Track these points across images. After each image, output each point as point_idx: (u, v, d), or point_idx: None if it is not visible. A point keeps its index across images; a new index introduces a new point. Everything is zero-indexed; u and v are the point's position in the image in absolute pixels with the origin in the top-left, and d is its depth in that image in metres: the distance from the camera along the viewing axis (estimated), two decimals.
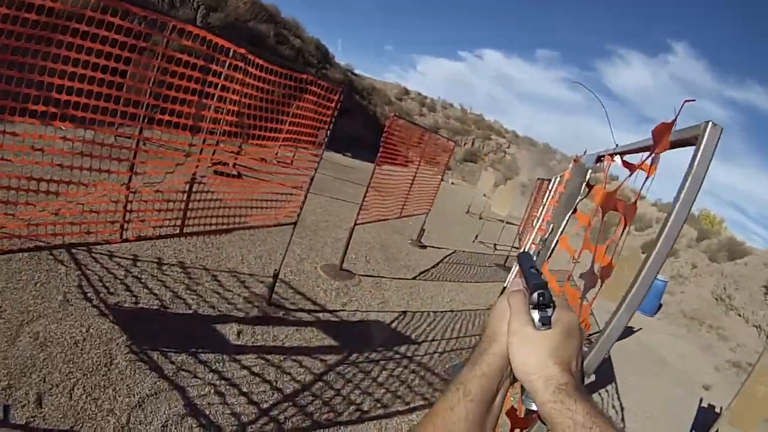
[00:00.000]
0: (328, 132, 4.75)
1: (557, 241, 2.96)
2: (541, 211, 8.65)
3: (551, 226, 3.14)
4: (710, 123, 1.12)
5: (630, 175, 1.80)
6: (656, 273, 1.20)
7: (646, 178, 1.57)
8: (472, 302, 7.66)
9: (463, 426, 0.63)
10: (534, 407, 0.63)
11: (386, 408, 3.89)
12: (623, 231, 1.68)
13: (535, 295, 0.67)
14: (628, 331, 10.14)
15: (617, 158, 2.13)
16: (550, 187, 8.61)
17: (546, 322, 0.66)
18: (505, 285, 7.82)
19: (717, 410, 7.25)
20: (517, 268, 0.82)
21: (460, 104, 40.20)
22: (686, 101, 1.23)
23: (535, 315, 0.67)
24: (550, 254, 3.02)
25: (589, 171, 2.83)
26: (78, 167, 2.72)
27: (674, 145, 1.35)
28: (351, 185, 12.62)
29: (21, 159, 2.37)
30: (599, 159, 2.67)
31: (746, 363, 11.12)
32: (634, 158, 1.89)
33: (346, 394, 3.86)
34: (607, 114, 1.99)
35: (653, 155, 1.47)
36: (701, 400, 7.80)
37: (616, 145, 2.21)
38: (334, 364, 4.23)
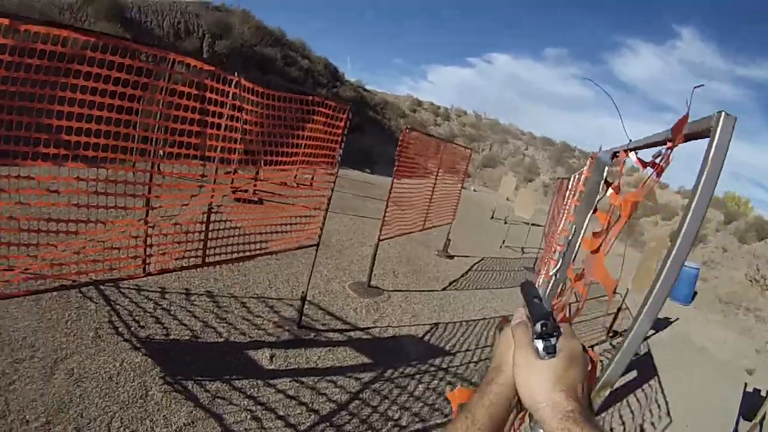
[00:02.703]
0: (340, 150, 4.77)
1: (580, 242, 2.88)
2: (563, 210, 8.51)
3: (574, 226, 3.07)
4: (723, 113, 1.08)
5: (645, 172, 1.78)
6: (673, 280, 1.15)
7: (658, 175, 1.52)
8: (504, 308, 7.51)
9: None
10: None
11: (425, 422, 3.82)
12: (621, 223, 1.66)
13: (538, 325, 0.70)
14: (664, 323, 9.92)
15: (632, 154, 2.09)
16: (569, 186, 8.46)
17: (551, 351, 0.68)
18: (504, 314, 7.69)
19: (762, 393, 7.05)
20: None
21: (474, 110, 40.34)
22: (696, 87, 1.19)
23: (539, 345, 0.69)
24: (575, 256, 2.94)
25: (606, 168, 2.77)
26: (94, 206, 2.78)
27: (689, 138, 1.29)
28: (372, 201, 12.62)
29: (39, 201, 2.43)
30: (614, 155, 2.61)
31: None
32: (649, 152, 1.85)
33: (383, 410, 3.80)
34: (617, 108, 1.94)
35: (669, 150, 1.42)
36: (746, 385, 7.57)
37: (630, 140, 2.15)
38: (369, 381, 4.18)
